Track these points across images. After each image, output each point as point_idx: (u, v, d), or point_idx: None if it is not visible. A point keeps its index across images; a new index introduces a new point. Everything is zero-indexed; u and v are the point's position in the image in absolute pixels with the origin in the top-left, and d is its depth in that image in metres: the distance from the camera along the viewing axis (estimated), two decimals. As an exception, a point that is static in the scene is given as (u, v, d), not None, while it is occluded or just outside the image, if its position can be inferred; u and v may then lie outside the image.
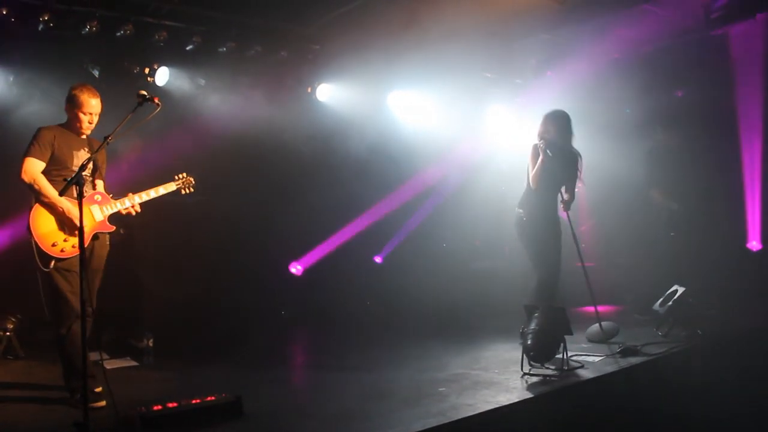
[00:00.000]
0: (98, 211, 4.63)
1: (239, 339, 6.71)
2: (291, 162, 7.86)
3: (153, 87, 6.75)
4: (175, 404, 3.92)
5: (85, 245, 4.35)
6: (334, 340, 6.91)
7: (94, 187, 4.73)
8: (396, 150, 8.50)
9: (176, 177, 5.04)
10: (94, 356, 4.93)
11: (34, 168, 4.43)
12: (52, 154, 4.51)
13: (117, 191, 4.93)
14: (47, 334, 6.00)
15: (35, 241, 4.36)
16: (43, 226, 4.39)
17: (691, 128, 7.70)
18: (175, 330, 6.45)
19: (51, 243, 4.39)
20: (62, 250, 4.42)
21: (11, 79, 6.29)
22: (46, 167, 4.48)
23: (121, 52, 6.59)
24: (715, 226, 7.44)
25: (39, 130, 4.59)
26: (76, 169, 4.51)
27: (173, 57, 6.88)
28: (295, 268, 8.17)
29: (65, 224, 4.45)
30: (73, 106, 4.60)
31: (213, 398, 4.04)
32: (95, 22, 6.19)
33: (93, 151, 4.60)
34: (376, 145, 8.25)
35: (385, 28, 6.72)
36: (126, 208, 4.71)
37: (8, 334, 5.92)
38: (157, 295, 6.52)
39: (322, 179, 8.11)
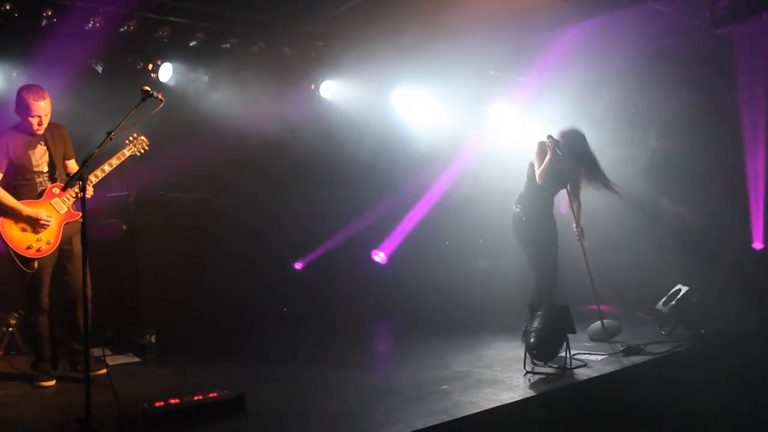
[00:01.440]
0: (60, 203, 4.74)
1: (241, 336, 6.70)
2: (294, 159, 7.84)
3: (156, 83, 6.74)
4: (177, 401, 3.93)
5: (59, 238, 4.71)
6: (337, 337, 6.91)
7: (58, 176, 4.81)
8: (399, 147, 8.49)
9: (127, 140, 4.95)
10: (96, 352, 4.95)
11: None
12: (10, 160, 4.61)
13: (120, 188, 4.94)
14: (50, 330, 6.01)
15: (11, 249, 4.53)
16: (13, 232, 4.54)
17: (694, 128, 7.68)
18: (177, 326, 6.45)
19: (26, 246, 4.56)
20: (38, 250, 4.60)
21: (14, 75, 6.28)
22: (8, 173, 4.61)
23: (125, 47, 6.57)
24: (719, 226, 7.40)
25: None
26: (36, 168, 4.73)
27: (177, 53, 6.86)
28: (298, 266, 8.15)
29: (33, 225, 4.60)
30: (21, 109, 4.67)
31: (215, 395, 4.04)
32: (98, 18, 6.18)
33: (49, 140, 4.78)
34: (379, 142, 8.23)
35: (389, 25, 6.70)
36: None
37: (11, 329, 5.92)
38: (159, 292, 6.52)
39: (326, 176, 8.09)
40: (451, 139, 8.71)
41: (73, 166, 4.95)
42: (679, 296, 5.98)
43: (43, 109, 4.67)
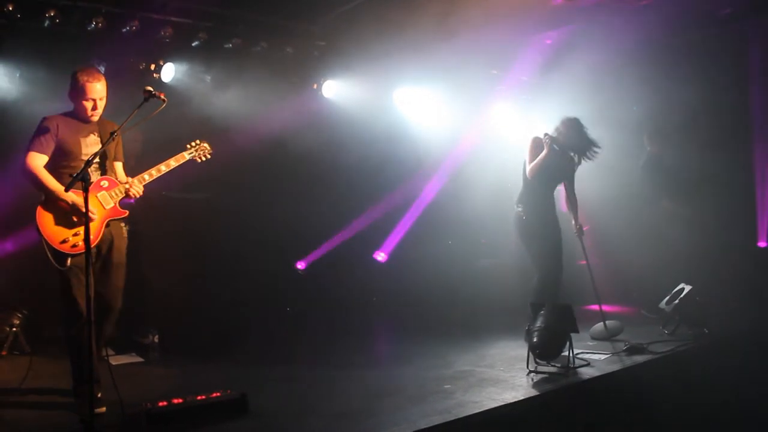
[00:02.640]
0: (107, 198, 4.40)
1: (244, 336, 6.71)
2: (297, 158, 7.85)
3: (159, 83, 6.75)
4: (180, 400, 3.93)
5: (99, 235, 4.33)
6: (339, 337, 6.91)
7: (105, 172, 4.50)
8: (402, 146, 8.49)
9: (188, 145, 4.74)
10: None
11: (35, 162, 4.25)
12: (57, 145, 4.32)
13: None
14: (53, 330, 6.03)
15: (45, 241, 4.17)
16: (51, 223, 4.20)
17: (701, 125, 7.66)
18: (180, 326, 6.46)
19: (60, 240, 4.18)
20: (74, 246, 4.19)
21: (18, 75, 6.29)
22: (52, 160, 4.30)
23: (127, 48, 6.58)
24: (724, 225, 7.38)
25: (41, 120, 4.40)
26: (85, 157, 4.32)
27: (179, 53, 6.87)
28: (300, 265, 8.15)
29: (73, 218, 4.22)
30: (75, 92, 4.39)
31: (218, 395, 4.05)
32: (101, 18, 6.19)
33: (104, 134, 4.46)
34: (381, 141, 8.23)
35: (391, 24, 6.69)
36: (133, 191, 4.45)
37: (15, 329, 5.93)
38: (162, 292, 6.53)
39: (328, 175, 8.10)
40: (453, 138, 8.71)
41: (120, 169, 4.64)
42: (682, 295, 5.97)
43: (98, 92, 4.35)
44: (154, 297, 6.56)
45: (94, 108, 4.39)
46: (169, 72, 6.89)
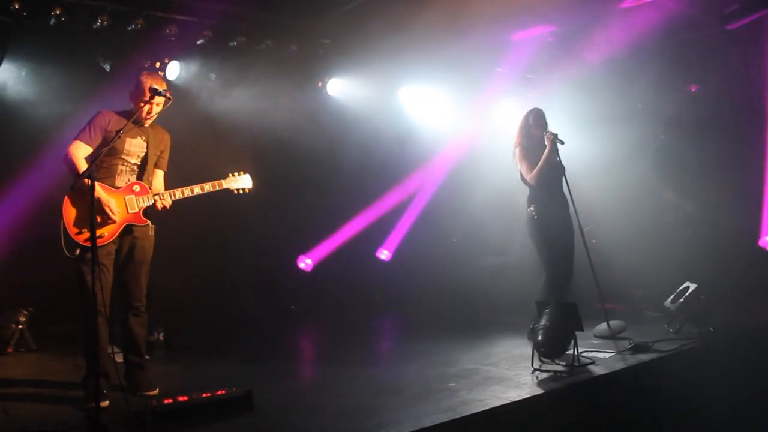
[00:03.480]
0: (134, 203, 4.49)
1: (249, 333, 6.72)
2: (301, 156, 7.86)
3: (164, 81, 6.75)
4: (185, 398, 3.94)
5: (114, 235, 4.41)
6: (344, 335, 6.92)
7: (144, 177, 4.60)
8: (406, 144, 8.49)
9: (230, 175, 4.83)
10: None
11: (77, 152, 4.34)
12: (104, 139, 4.39)
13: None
14: (59, 328, 6.06)
15: (64, 226, 4.26)
16: (74, 211, 4.28)
17: (702, 123, 7.64)
18: (185, 324, 6.47)
19: (78, 230, 4.27)
20: (88, 239, 4.20)
21: (23, 73, 6.31)
22: (97, 152, 4.33)
23: (132, 46, 6.59)
24: (729, 223, 7.36)
25: (97, 113, 4.49)
26: (125, 156, 4.48)
27: (184, 51, 6.88)
28: (304, 263, 8.16)
29: (97, 212, 4.23)
30: (136, 94, 4.50)
31: (224, 392, 4.05)
32: (106, 17, 6.21)
33: (151, 140, 4.58)
34: (385, 139, 8.23)
35: (396, 22, 6.69)
36: (161, 202, 4.56)
37: (21, 327, 5.96)
38: (167, 290, 6.54)
39: (332, 173, 8.10)
40: (458, 135, 8.70)
41: (160, 178, 4.73)
42: (687, 294, 5.95)
43: (158, 97, 4.47)
44: (159, 295, 6.56)
45: (150, 112, 4.52)
46: (174, 70, 6.90)
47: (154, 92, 4.29)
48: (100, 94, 6.39)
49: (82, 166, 4.29)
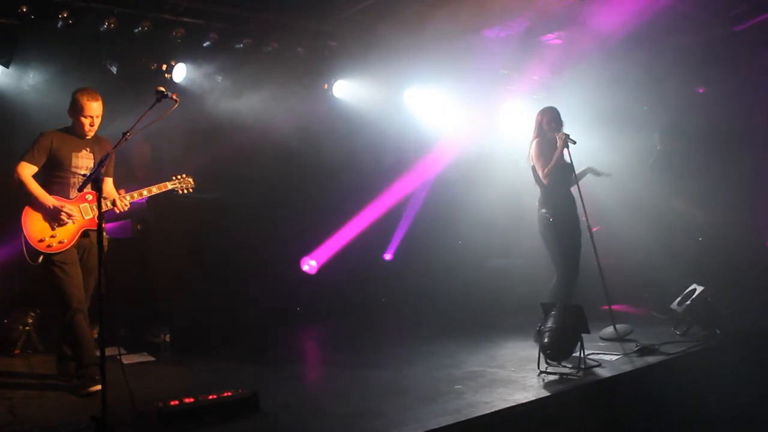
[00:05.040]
0: (89, 209, 4.79)
1: (255, 335, 6.72)
2: (307, 158, 7.87)
3: (170, 83, 6.78)
4: (191, 399, 3.94)
5: (73, 240, 4.72)
6: (349, 336, 6.91)
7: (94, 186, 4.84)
8: (411, 146, 8.49)
9: (174, 177, 5.15)
10: (111, 351, 4.98)
11: (24, 171, 4.69)
12: (51, 157, 4.73)
13: (131, 187, 4.96)
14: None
15: (24, 238, 4.61)
16: (33, 223, 4.62)
17: (710, 126, 7.61)
18: (191, 326, 6.48)
19: (38, 239, 4.61)
20: (48, 246, 4.62)
21: (31, 76, 6.34)
22: (45, 170, 4.73)
23: (139, 48, 6.62)
24: (736, 225, 7.33)
25: (40, 135, 4.82)
26: (74, 170, 4.81)
27: (190, 53, 6.90)
28: (308, 265, 8.15)
29: (53, 221, 4.64)
30: (74, 110, 4.82)
31: (229, 394, 4.05)
32: (113, 19, 6.24)
33: (96, 150, 4.89)
34: (391, 141, 8.24)
35: (402, 25, 6.69)
36: (116, 207, 4.83)
37: (27, 328, 5.98)
38: (174, 291, 6.56)
39: (338, 175, 8.10)
40: (463, 137, 8.70)
41: (110, 184, 5.02)
42: (694, 296, 5.93)
43: (95, 110, 4.79)
44: (165, 296, 6.58)
45: (91, 125, 4.84)
46: (180, 72, 6.92)
47: (161, 95, 4.29)
48: (106, 97, 6.42)
49: (31, 183, 4.67)
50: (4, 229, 5.89)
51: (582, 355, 4.85)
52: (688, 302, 5.93)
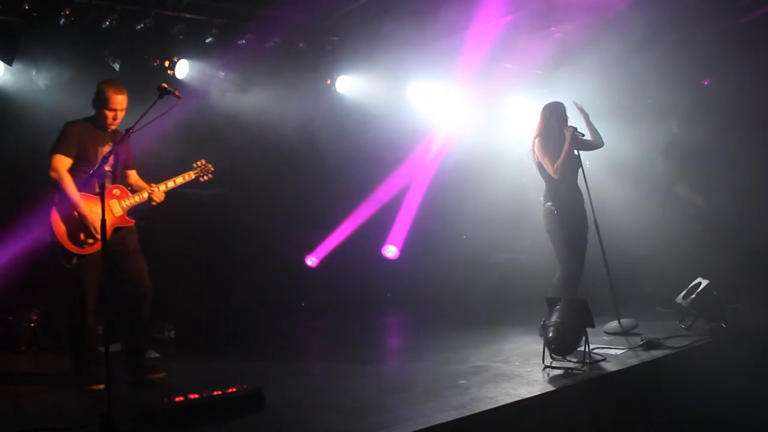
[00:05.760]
0: (117, 206, 4.71)
1: (260, 331, 6.73)
2: (310, 153, 7.86)
3: (173, 79, 6.78)
4: (196, 396, 3.94)
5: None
6: (354, 332, 6.92)
7: (118, 180, 4.84)
8: (415, 140, 8.47)
9: (194, 165, 5.11)
10: (115, 347, 4.99)
11: (61, 165, 4.54)
12: (78, 150, 4.60)
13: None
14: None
15: (57, 240, 4.50)
16: (63, 224, 4.51)
17: (716, 117, 7.56)
18: (196, 322, 6.49)
19: (72, 241, 4.51)
20: (82, 247, 4.54)
21: (34, 73, 6.34)
22: (74, 162, 4.59)
23: (141, 45, 6.62)
24: (741, 218, 7.28)
25: (66, 125, 4.68)
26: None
27: (193, 49, 6.90)
28: (311, 260, 8.15)
29: (84, 223, 4.54)
30: (99, 101, 4.69)
31: (234, 390, 4.05)
32: (115, 16, 6.23)
33: (116, 145, 4.67)
34: (394, 136, 8.23)
35: (405, 19, 6.67)
36: (149, 200, 4.79)
37: (32, 325, 5.99)
38: (178, 288, 6.56)
39: (341, 170, 8.10)
40: (466, 132, 8.68)
41: (135, 176, 5.00)
42: (699, 289, 5.92)
43: (120, 102, 4.69)
44: (169, 293, 6.59)
45: (114, 118, 4.72)
46: (183, 68, 6.91)
47: (164, 92, 4.29)
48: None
49: (70, 183, 4.53)
50: (7, 226, 5.92)
51: (587, 350, 4.84)
52: (693, 296, 5.92)
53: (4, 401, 4.43)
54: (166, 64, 6.84)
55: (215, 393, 4.00)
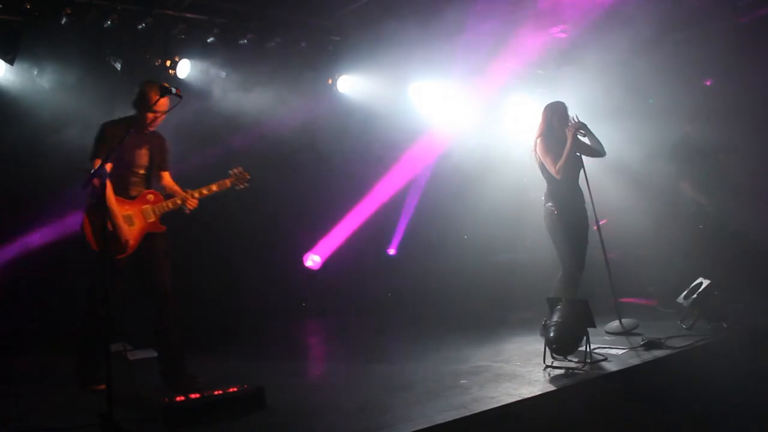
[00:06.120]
0: (150, 212, 4.64)
1: (261, 331, 6.73)
2: (311, 153, 7.87)
3: (174, 79, 6.78)
4: (197, 395, 3.94)
5: (134, 245, 4.56)
6: (355, 332, 6.92)
7: (153, 182, 4.75)
8: (416, 140, 8.47)
9: (230, 172, 4.95)
10: (117, 347, 4.99)
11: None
12: (118, 153, 4.45)
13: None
14: (72, 327, 6.08)
15: (89, 242, 4.46)
16: (96, 231, 4.42)
17: (721, 119, 7.55)
18: (197, 321, 6.49)
19: (104, 247, 4.34)
20: (112, 252, 4.45)
21: (36, 72, 6.35)
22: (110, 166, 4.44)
23: (143, 44, 6.62)
24: (744, 218, 7.26)
25: (102, 127, 4.57)
26: (135, 169, 4.63)
27: (194, 49, 6.90)
28: (312, 261, 8.14)
29: (115, 233, 4.46)
30: (141, 102, 4.58)
31: (235, 389, 4.05)
32: (116, 16, 6.24)
33: (153, 146, 4.69)
34: (396, 135, 8.23)
35: (407, 19, 6.67)
36: (182, 206, 4.71)
37: (35, 325, 6.00)
38: (178, 287, 6.55)
39: (342, 170, 8.10)
40: (468, 132, 8.68)
41: (168, 178, 4.89)
42: (700, 289, 5.91)
43: (162, 105, 4.56)
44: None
45: (155, 120, 4.62)
46: (184, 68, 6.92)
47: (165, 91, 4.30)
48: (110, 93, 6.43)
49: (110, 191, 4.39)
50: (8, 226, 5.93)
51: (588, 350, 4.84)
52: (695, 296, 5.91)
53: (4, 401, 4.44)
54: (168, 63, 6.84)
55: (216, 393, 4.00)
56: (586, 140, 5.99)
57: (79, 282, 4.78)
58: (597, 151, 6.00)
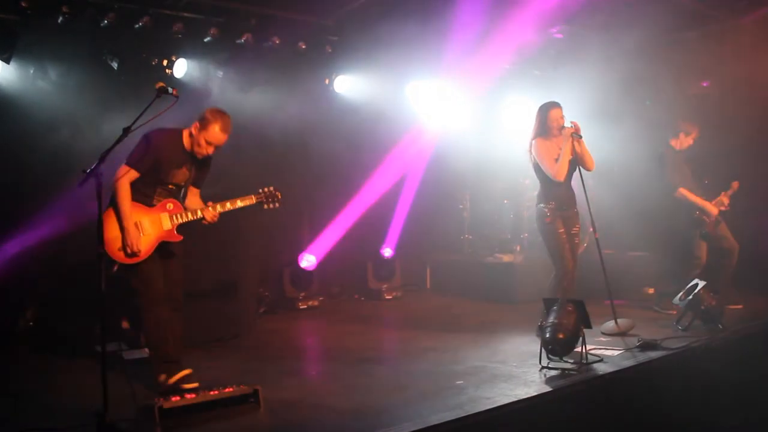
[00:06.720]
0: (167, 221, 4.57)
1: (256, 330, 6.72)
2: (308, 153, 7.86)
3: (171, 78, 6.76)
4: (193, 395, 3.94)
5: (149, 252, 4.50)
6: (350, 332, 6.91)
7: (183, 195, 4.71)
8: (414, 140, 8.47)
9: (260, 190, 4.86)
10: (112, 347, 4.99)
11: (123, 179, 4.38)
12: (153, 166, 4.44)
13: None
14: (70, 326, 6.07)
15: (103, 246, 4.30)
16: (110, 231, 4.38)
17: (716, 121, 7.56)
18: (192, 321, 6.46)
19: (116, 248, 4.39)
20: (125, 257, 4.42)
21: (32, 71, 6.33)
22: (140, 176, 4.44)
23: (140, 44, 6.61)
24: (740, 221, 7.27)
25: (148, 138, 4.47)
26: (168, 185, 4.57)
27: (191, 48, 6.89)
28: (307, 261, 8.13)
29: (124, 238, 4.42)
30: (203, 128, 4.52)
31: (231, 389, 4.05)
32: (113, 15, 6.22)
33: (195, 167, 4.65)
34: (393, 136, 8.22)
35: (404, 19, 6.68)
36: (201, 218, 4.64)
37: (31, 324, 5.99)
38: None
39: (339, 170, 8.09)
40: (466, 132, 8.69)
41: (196, 196, 4.80)
42: (696, 291, 5.92)
43: (221, 140, 4.54)
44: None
45: (209, 152, 4.56)
46: (181, 67, 6.91)
47: (162, 91, 4.29)
48: (108, 93, 6.42)
49: (126, 196, 4.38)
50: (9, 224, 5.92)
51: (584, 351, 4.85)
52: (691, 297, 5.92)
53: (2, 401, 4.43)
54: (165, 63, 6.82)
55: (212, 393, 4.00)
56: (580, 145, 5.93)
57: (77, 282, 4.79)
58: (585, 162, 5.89)
